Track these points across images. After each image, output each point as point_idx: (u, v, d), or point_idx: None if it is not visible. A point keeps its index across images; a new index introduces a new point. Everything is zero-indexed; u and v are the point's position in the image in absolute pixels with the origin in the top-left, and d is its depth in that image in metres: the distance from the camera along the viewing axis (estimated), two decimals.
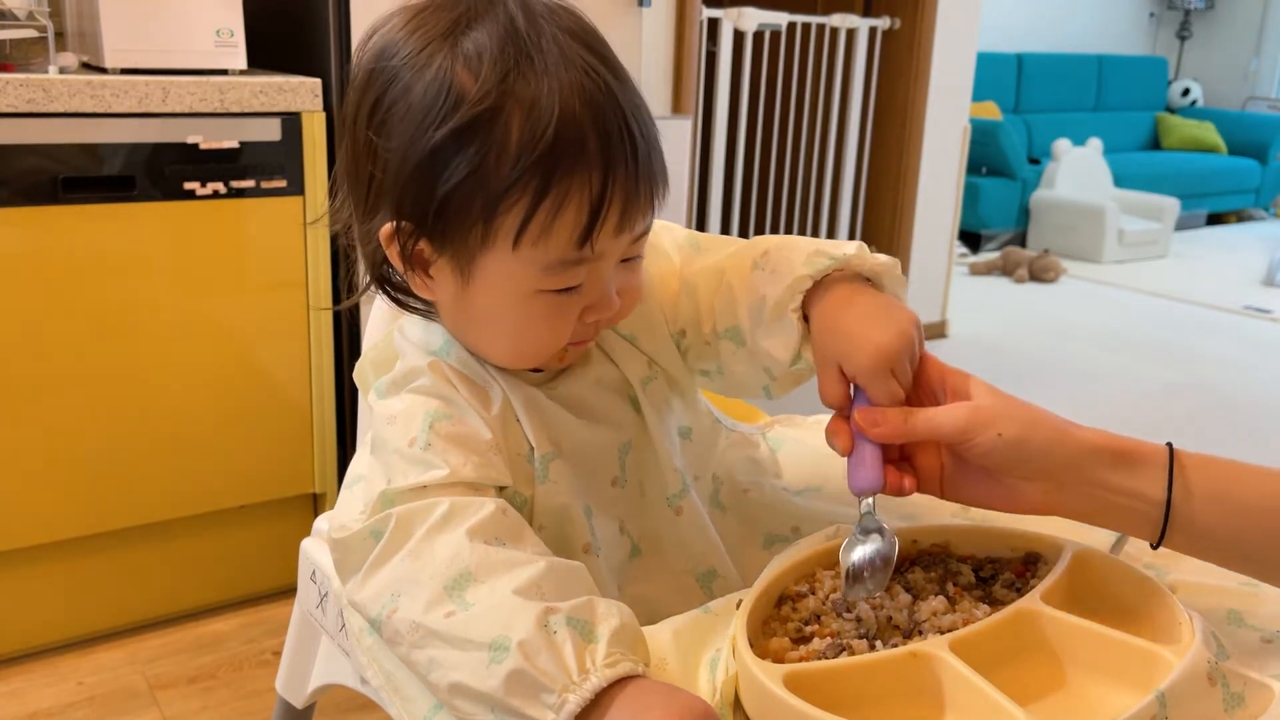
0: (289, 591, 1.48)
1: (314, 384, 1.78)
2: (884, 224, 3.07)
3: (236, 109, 1.60)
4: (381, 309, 0.97)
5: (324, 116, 1.69)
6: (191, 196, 1.60)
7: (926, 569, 0.77)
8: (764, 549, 0.90)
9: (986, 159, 5.28)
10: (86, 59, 1.67)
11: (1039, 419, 0.69)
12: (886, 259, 0.78)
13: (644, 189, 0.70)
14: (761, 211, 2.99)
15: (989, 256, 4.99)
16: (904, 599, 0.73)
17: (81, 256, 1.55)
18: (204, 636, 1.74)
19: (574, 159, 0.66)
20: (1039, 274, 4.70)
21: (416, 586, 0.65)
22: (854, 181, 2.99)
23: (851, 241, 0.78)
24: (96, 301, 1.57)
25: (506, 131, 0.66)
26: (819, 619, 0.71)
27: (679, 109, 2.36)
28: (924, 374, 0.74)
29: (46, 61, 1.54)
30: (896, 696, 0.65)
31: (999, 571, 0.77)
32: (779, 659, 0.68)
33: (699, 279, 0.83)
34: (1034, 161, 5.57)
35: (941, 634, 0.67)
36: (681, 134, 2.38)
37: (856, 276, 0.77)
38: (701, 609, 0.75)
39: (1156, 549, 0.69)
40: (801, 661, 0.67)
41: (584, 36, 0.70)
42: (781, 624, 0.72)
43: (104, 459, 1.62)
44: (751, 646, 0.66)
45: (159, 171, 1.57)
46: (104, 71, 1.56)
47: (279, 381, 1.75)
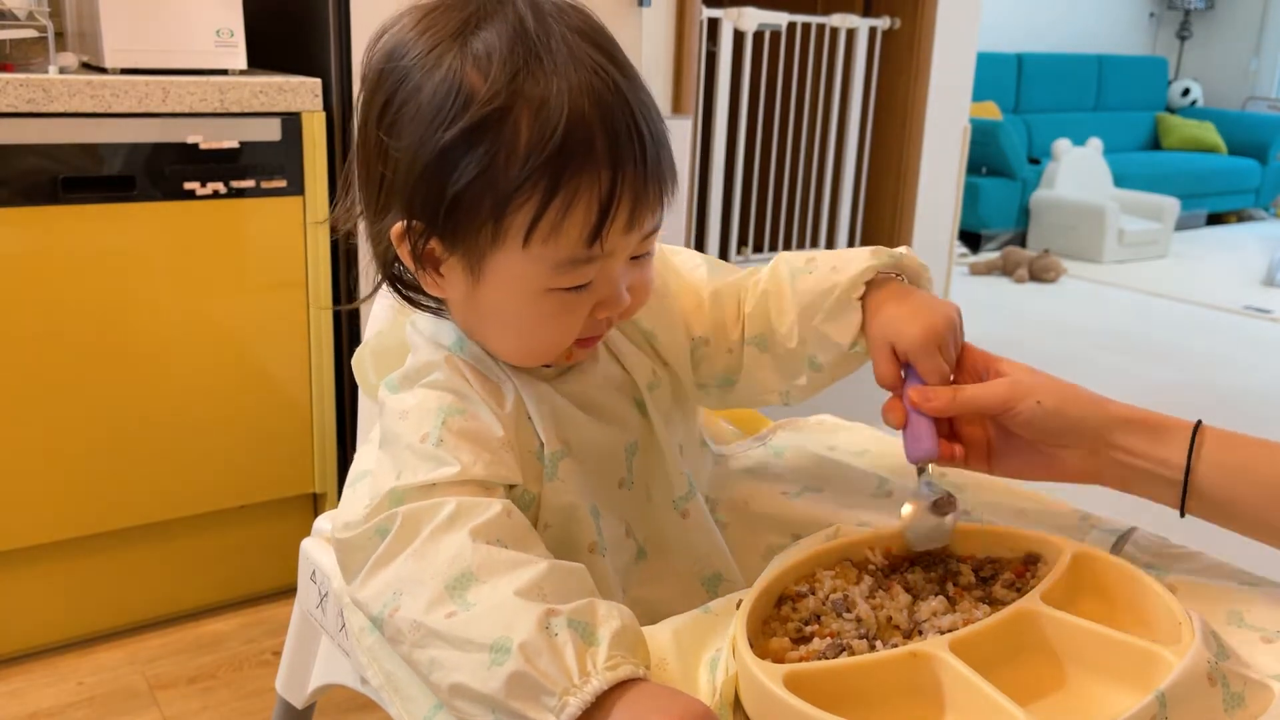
0: (289, 591, 1.48)
1: (314, 384, 1.78)
2: (884, 224, 3.06)
3: (236, 109, 1.60)
4: (381, 306, 0.97)
5: (324, 116, 1.69)
6: (191, 196, 1.60)
7: (926, 569, 0.77)
8: (763, 559, 0.90)
9: (986, 159, 5.28)
10: (86, 59, 1.67)
11: (1075, 391, 0.77)
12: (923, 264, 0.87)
13: (653, 187, 0.71)
14: (761, 211, 2.99)
15: (989, 256, 4.99)
16: (904, 599, 0.73)
17: (81, 256, 1.55)
18: (204, 636, 1.75)
19: (583, 158, 0.67)
20: (1039, 274, 4.70)
21: (418, 586, 0.65)
22: (854, 181, 2.99)
23: (898, 248, 0.86)
24: (96, 301, 1.57)
25: (516, 131, 0.67)
26: (819, 619, 0.71)
27: (679, 109, 2.36)
28: (969, 361, 0.82)
29: (46, 61, 1.54)
30: (896, 696, 0.65)
31: (999, 571, 0.77)
32: (779, 659, 0.68)
33: (726, 290, 0.89)
34: (1034, 161, 5.57)
35: (941, 634, 0.67)
36: (681, 134, 2.38)
37: (901, 278, 0.85)
38: (701, 609, 0.75)
39: (1183, 516, 0.75)
40: (801, 661, 0.67)
41: (593, 35, 0.71)
42: (781, 624, 0.72)
43: (104, 459, 1.62)
44: (751, 646, 0.66)
45: (159, 171, 1.57)
46: (104, 71, 1.56)
47: (279, 381, 1.75)
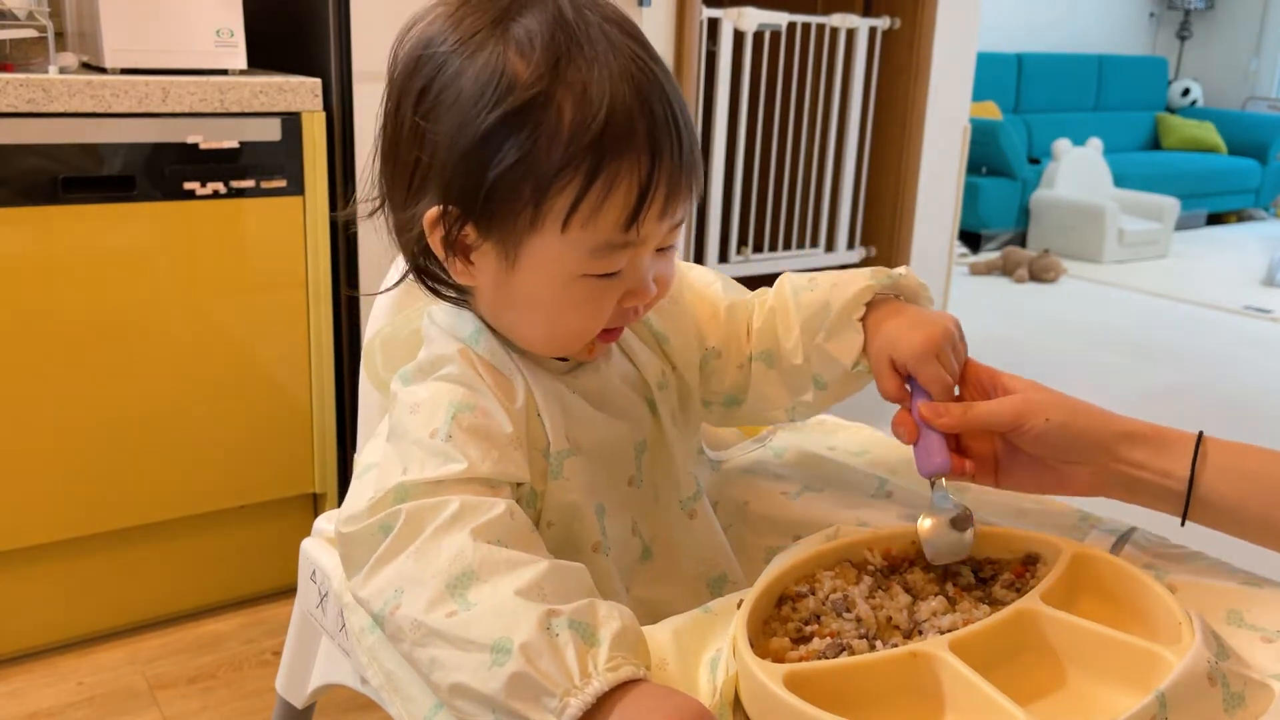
0: (289, 591, 1.48)
1: (314, 384, 1.78)
2: (884, 224, 3.06)
3: (236, 109, 1.60)
4: (385, 303, 0.97)
5: (324, 116, 1.69)
6: (191, 196, 1.60)
7: (926, 569, 0.77)
8: (764, 560, 0.91)
9: (986, 159, 5.28)
10: (86, 59, 1.67)
11: (1082, 406, 0.79)
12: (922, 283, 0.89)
13: (686, 175, 0.72)
14: (761, 211, 2.99)
15: (989, 256, 4.99)
16: (904, 599, 0.73)
17: (81, 256, 1.55)
18: (204, 636, 1.74)
19: (624, 143, 0.68)
20: (1039, 274, 4.70)
21: (419, 584, 0.65)
22: (854, 181, 2.99)
23: (897, 269, 0.88)
24: (96, 301, 1.57)
25: (559, 116, 0.68)
26: (819, 619, 0.71)
27: None
28: (974, 376, 0.84)
29: (46, 61, 1.54)
30: (896, 696, 0.65)
31: (999, 571, 0.77)
32: (779, 659, 0.68)
33: (740, 306, 0.91)
34: (1034, 161, 5.57)
35: (941, 634, 0.67)
36: None
37: (899, 299, 0.86)
38: (702, 609, 0.75)
39: (1184, 525, 0.75)
40: (801, 661, 0.67)
41: (626, 26, 0.72)
42: (781, 624, 0.72)
43: (104, 459, 1.62)
44: (751, 646, 0.66)
45: (159, 171, 1.57)
46: (104, 71, 1.56)
47: (279, 381, 1.75)
